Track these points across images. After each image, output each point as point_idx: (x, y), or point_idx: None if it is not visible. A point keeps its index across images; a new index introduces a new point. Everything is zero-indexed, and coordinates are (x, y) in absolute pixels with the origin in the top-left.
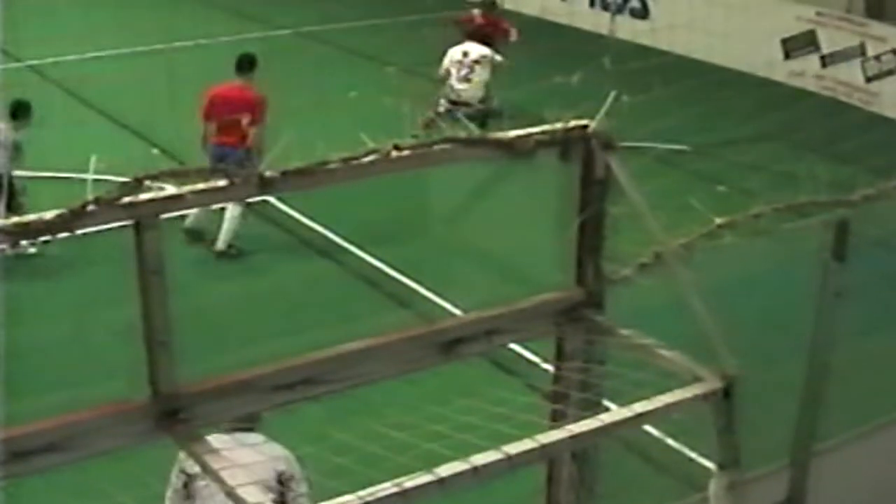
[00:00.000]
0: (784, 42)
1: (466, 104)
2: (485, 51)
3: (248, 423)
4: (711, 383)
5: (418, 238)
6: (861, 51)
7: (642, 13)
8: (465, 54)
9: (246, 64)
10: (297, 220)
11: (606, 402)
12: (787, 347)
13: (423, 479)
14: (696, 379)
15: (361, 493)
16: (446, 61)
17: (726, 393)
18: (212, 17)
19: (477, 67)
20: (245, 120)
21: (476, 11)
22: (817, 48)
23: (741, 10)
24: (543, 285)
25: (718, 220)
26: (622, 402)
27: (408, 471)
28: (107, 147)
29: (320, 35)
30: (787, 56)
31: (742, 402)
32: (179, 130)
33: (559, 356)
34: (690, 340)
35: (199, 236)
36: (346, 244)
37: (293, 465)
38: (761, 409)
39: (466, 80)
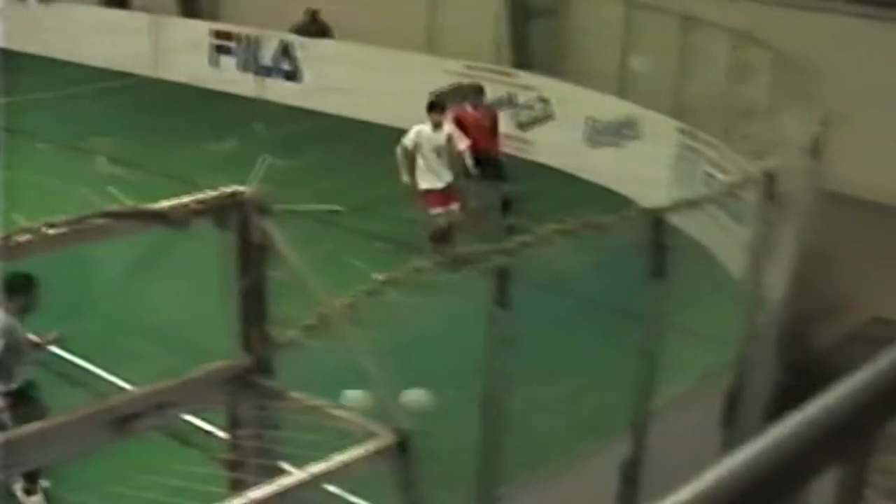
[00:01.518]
0: (436, 95)
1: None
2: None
3: None
4: (386, 439)
5: (85, 316)
6: (511, 100)
7: (294, 76)
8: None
9: None
10: None
11: (286, 466)
12: (463, 399)
13: None
14: (371, 436)
15: None
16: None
17: (402, 448)
18: None
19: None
20: None
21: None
22: (468, 100)
23: (391, 68)
24: (213, 354)
25: (379, 277)
26: (301, 465)
27: None
28: None
29: None
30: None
31: (424, 457)
32: None
33: (233, 424)
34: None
35: None
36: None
37: None
38: (443, 463)
39: None
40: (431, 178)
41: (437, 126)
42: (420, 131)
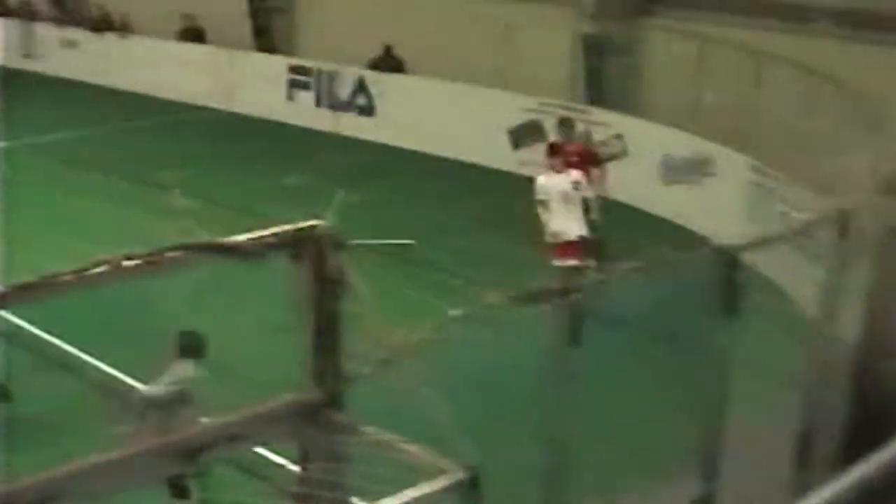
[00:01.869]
0: (511, 132)
1: None
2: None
3: None
4: (456, 474)
5: (154, 344)
6: (587, 137)
7: (369, 110)
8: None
9: None
10: (33, 334)
11: (355, 500)
12: (530, 432)
13: None
14: (441, 471)
15: None
16: None
17: (472, 483)
18: None
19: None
20: None
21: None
22: (544, 137)
23: (465, 103)
24: (284, 387)
25: (453, 312)
26: (371, 500)
27: None
28: None
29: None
30: (517, 146)
31: (489, 491)
32: None
33: (303, 457)
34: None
35: None
36: (83, 355)
37: None
38: (510, 497)
39: None
40: (559, 227)
41: (557, 171)
42: (545, 183)
